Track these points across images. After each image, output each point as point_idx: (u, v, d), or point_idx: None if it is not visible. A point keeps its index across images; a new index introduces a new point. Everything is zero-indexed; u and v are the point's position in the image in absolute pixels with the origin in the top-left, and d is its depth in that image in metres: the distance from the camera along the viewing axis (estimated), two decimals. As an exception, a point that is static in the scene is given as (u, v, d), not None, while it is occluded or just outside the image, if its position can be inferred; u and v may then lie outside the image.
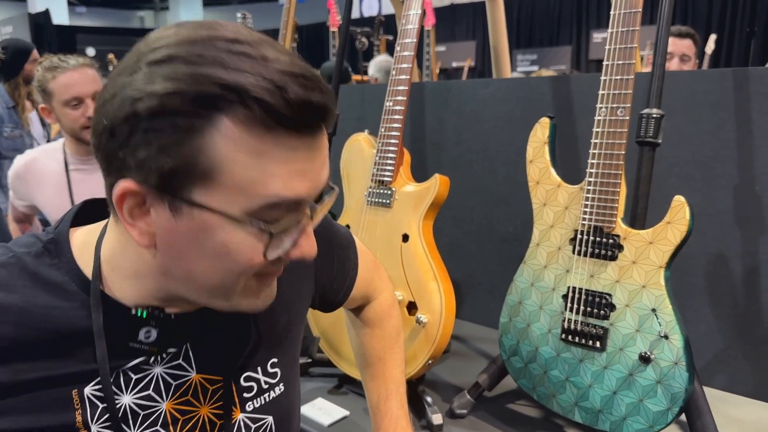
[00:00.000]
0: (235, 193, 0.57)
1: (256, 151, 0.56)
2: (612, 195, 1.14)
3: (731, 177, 1.40)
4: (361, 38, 4.76)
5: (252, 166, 0.56)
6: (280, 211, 0.60)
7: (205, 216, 0.58)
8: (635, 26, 1.13)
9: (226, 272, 0.62)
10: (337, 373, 1.50)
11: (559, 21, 9.54)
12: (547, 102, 1.67)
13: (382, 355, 1.04)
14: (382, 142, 1.46)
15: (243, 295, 0.65)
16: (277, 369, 0.82)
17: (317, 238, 0.88)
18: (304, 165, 0.59)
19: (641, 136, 1.16)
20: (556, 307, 1.22)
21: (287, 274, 0.83)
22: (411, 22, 1.47)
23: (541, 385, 1.25)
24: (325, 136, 0.62)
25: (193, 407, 0.73)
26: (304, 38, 10.50)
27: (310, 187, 0.60)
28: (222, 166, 0.56)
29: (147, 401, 0.70)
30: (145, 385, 0.69)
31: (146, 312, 0.66)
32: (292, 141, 0.57)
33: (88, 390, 0.66)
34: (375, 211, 1.47)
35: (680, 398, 1.06)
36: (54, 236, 0.69)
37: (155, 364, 0.70)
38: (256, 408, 0.79)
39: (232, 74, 0.54)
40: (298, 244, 0.63)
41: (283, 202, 0.58)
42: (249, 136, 0.55)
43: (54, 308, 0.65)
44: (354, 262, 0.98)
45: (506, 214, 1.80)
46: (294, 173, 0.58)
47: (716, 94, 1.40)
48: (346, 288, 0.97)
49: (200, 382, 0.73)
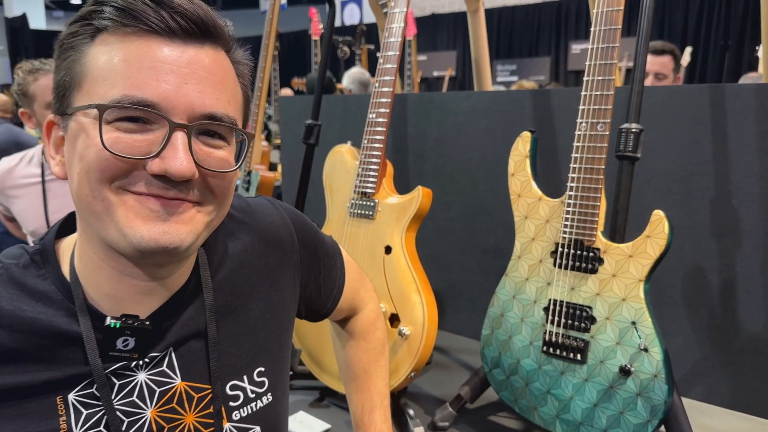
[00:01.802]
0: (94, 93, 0.62)
1: (111, 49, 0.62)
2: (592, 209, 1.15)
3: (708, 191, 1.42)
4: (343, 47, 4.77)
5: (106, 64, 0.62)
6: (131, 111, 0.61)
7: (74, 123, 0.64)
8: (615, 42, 1.15)
9: (90, 178, 0.62)
10: (318, 385, 1.49)
11: (538, 32, 9.66)
12: (528, 115, 1.68)
13: (367, 367, 1.04)
14: (365, 153, 1.47)
15: (125, 216, 0.62)
16: (264, 378, 0.81)
17: (304, 246, 0.89)
18: (157, 63, 0.62)
19: (621, 150, 1.17)
20: (538, 320, 1.23)
21: (271, 282, 0.84)
22: (394, 35, 1.47)
23: (522, 398, 1.25)
24: (208, 56, 0.65)
25: (178, 415, 0.73)
26: (285, 46, 10.49)
27: (165, 91, 0.61)
28: (87, 71, 0.63)
29: (131, 408, 0.70)
30: (129, 391, 0.69)
31: (119, 323, 0.67)
32: (147, 38, 0.62)
33: (72, 396, 0.67)
34: (358, 223, 1.47)
35: (660, 410, 1.08)
36: (40, 247, 0.70)
37: (138, 370, 0.70)
38: (243, 417, 0.78)
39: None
40: (163, 155, 0.62)
41: (126, 100, 0.60)
42: (110, 36, 0.62)
43: (40, 315, 0.66)
44: (341, 272, 0.98)
45: (488, 225, 1.81)
46: (143, 70, 0.61)
47: (694, 110, 1.42)
48: (334, 297, 0.97)
49: (185, 389, 0.73)
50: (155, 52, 0.62)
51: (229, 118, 0.66)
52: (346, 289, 0.99)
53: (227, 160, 0.68)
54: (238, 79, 0.71)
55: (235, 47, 0.71)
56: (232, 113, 0.67)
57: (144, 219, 0.63)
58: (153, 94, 0.61)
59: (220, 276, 0.78)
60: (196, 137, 0.65)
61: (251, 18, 10.09)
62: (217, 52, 0.67)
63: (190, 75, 0.63)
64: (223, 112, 0.65)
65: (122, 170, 0.62)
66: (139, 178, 0.62)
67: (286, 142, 2.36)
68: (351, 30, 6.03)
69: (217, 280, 0.77)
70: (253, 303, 0.81)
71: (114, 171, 0.61)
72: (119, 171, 0.62)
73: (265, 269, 0.83)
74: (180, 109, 0.62)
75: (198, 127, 0.64)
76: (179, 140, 0.62)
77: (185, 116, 0.62)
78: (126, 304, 0.69)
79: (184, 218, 0.65)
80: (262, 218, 0.86)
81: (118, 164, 0.61)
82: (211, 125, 0.65)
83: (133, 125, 0.61)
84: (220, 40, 0.67)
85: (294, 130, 2.26)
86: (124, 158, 0.61)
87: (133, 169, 0.62)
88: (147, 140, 0.62)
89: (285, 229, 0.87)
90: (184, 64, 0.63)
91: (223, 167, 0.67)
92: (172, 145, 0.62)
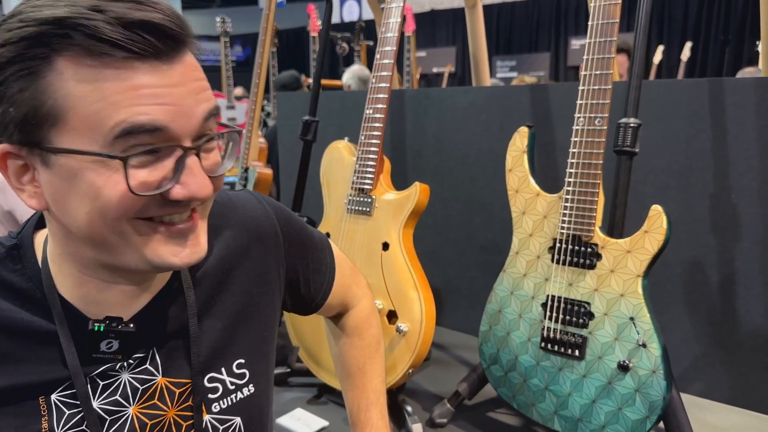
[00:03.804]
0: (87, 129, 0.57)
1: (94, 80, 0.56)
2: (590, 204, 1.15)
3: (707, 186, 1.42)
4: (342, 44, 4.75)
5: (94, 98, 0.56)
6: (138, 140, 0.58)
7: (69, 160, 0.58)
8: (613, 36, 1.14)
9: (105, 216, 0.59)
10: (316, 382, 1.49)
11: (537, 28, 9.64)
12: (526, 111, 1.68)
13: (362, 364, 1.03)
14: (362, 149, 1.46)
15: (146, 245, 0.62)
16: (244, 370, 0.81)
17: (288, 240, 0.88)
18: (154, 89, 0.58)
19: (619, 145, 1.17)
20: (536, 316, 1.22)
21: (253, 276, 0.83)
22: (391, 30, 1.46)
23: (521, 394, 1.25)
24: (188, 62, 0.61)
25: (159, 411, 0.73)
26: (284, 43, 10.47)
27: (170, 112, 0.58)
28: (67, 104, 0.56)
29: (114, 406, 0.69)
30: (112, 391, 0.69)
31: (103, 326, 0.66)
32: (132, 65, 0.57)
33: (55, 396, 0.66)
34: (355, 219, 1.46)
35: (658, 406, 1.07)
36: (17, 241, 0.69)
37: (122, 370, 0.70)
38: (223, 409, 0.78)
39: (46, 10, 0.55)
40: (183, 181, 0.60)
41: (135, 129, 0.57)
42: (84, 67, 0.56)
43: (18, 314, 0.64)
44: (330, 266, 0.98)
45: (485, 221, 1.81)
46: (141, 98, 0.57)
47: (692, 104, 1.41)
48: (323, 292, 0.97)
49: (165, 385, 0.73)
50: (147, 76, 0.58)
51: (218, 112, 0.65)
52: (337, 284, 0.99)
53: (218, 161, 0.66)
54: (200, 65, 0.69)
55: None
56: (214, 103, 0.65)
57: (169, 245, 0.63)
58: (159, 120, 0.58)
59: (201, 272, 0.78)
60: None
61: (250, 15, 10.07)
62: (190, 56, 0.64)
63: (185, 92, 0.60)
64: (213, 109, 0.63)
65: (143, 204, 0.60)
66: (154, 205, 0.61)
67: (284, 139, 2.35)
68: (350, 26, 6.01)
69: (198, 276, 0.77)
70: (235, 297, 0.81)
71: (135, 207, 0.60)
72: (139, 205, 0.60)
73: (246, 263, 0.83)
74: (187, 129, 0.60)
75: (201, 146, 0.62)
76: (194, 163, 0.61)
77: (190, 136, 0.61)
78: (111, 307, 0.68)
79: (199, 232, 0.66)
80: (244, 212, 0.85)
81: (140, 200, 0.59)
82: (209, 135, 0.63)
83: (145, 158, 0.59)
84: (192, 44, 0.64)
85: (292, 126, 2.25)
86: (144, 196, 0.59)
87: (151, 200, 0.60)
88: (159, 169, 0.60)
89: (268, 222, 0.87)
90: (176, 82, 0.60)
91: (218, 171, 0.66)
92: (189, 170, 0.60)
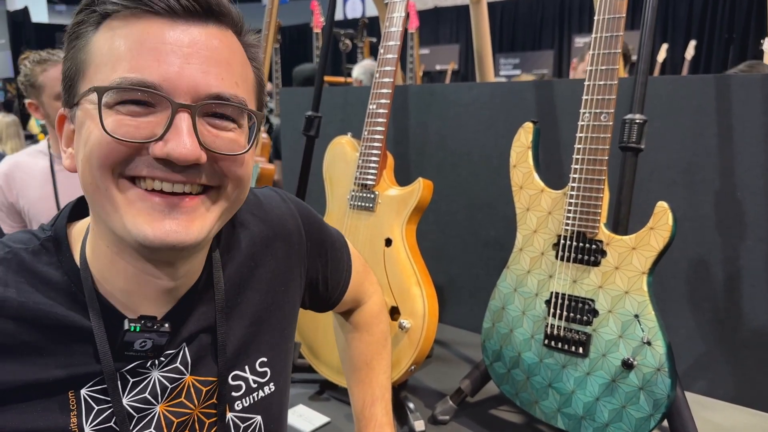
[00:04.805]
0: (95, 79, 0.60)
1: (112, 36, 0.60)
2: (595, 200, 1.14)
3: (713, 183, 1.41)
4: (345, 40, 4.74)
5: (106, 50, 0.60)
6: (130, 95, 0.59)
7: (80, 111, 0.62)
8: (619, 31, 1.13)
9: (92, 164, 0.60)
10: (318, 378, 1.48)
11: (541, 25, 9.61)
12: (530, 106, 1.67)
13: (369, 360, 1.03)
14: (366, 145, 1.45)
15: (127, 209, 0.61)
16: (266, 368, 0.81)
17: (310, 239, 0.88)
18: (159, 45, 0.59)
19: (624, 141, 1.16)
20: (539, 313, 1.21)
21: (277, 274, 0.83)
22: (395, 25, 1.46)
23: (523, 391, 1.24)
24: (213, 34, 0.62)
25: (186, 408, 0.72)
26: (287, 39, 10.47)
27: (167, 71, 0.59)
28: (92, 58, 0.61)
29: (143, 404, 0.69)
30: (142, 388, 0.69)
31: (139, 326, 0.65)
32: (158, 25, 0.60)
33: (85, 391, 0.65)
34: (358, 215, 1.45)
35: (663, 404, 1.06)
36: (51, 233, 0.68)
37: (153, 368, 0.69)
38: (245, 407, 0.78)
39: None
40: (166, 139, 0.59)
41: (126, 83, 0.58)
42: (118, 23, 0.60)
43: (52, 308, 0.64)
44: (348, 264, 0.98)
45: (489, 218, 1.80)
46: (144, 53, 0.59)
47: (698, 100, 1.40)
48: (340, 290, 0.97)
49: (193, 383, 0.73)
50: (156, 33, 0.59)
51: (237, 99, 0.63)
52: (352, 281, 0.99)
53: (238, 141, 0.64)
54: (250, 62, 0.69)
55: (245, 30, 0.68)
56: (242, 94, 0.64)
57: (148, 216, 0.60)
58: (154, 75, 0.58)
59: (229, 270, 0.77)
60: (203, 119, 0.62)
61: (253, 11, 10.04)
62: (223, 32, 0.64)
63: (193, 55, 0.60)
64: (230, 93, 0.62)
65: (124, 155, 0.59)
66: (142, 163, 0.60)
67: (287, 134, 2.34)
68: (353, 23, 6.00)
69: (227, 274, 0.76)
70: (260, 295, 0.80)
71: (116, 156, 0.59)
72: (121, 156, 0.59)
73: (272, 262, 0.82)
74: (183, 89, 0.59)
75: (203, 108, 0.61)
76: (183, 122, 0.59)
77: (189, 97, 0.60)
78: (140, 300, 0.67)
79: (193, 215, 0.62)
80: (270, 210, 0.85)
81: (120, 149, 0.59)
82: (217, 105, 0.62)
83: (136, 108, 0.59)
84: (227, 20, 0.64)
85: (295, 122, 2.24)
86: (125, 142, 0.59)
87: (136, 154, 0.60)
88: (150, 123, 0.59)
89: (293, 221, 0.86)
90: (187, 43, 0.60)
91: (233, 150, 0.63)
92: (175, 127, 0.59)
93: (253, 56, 0.69)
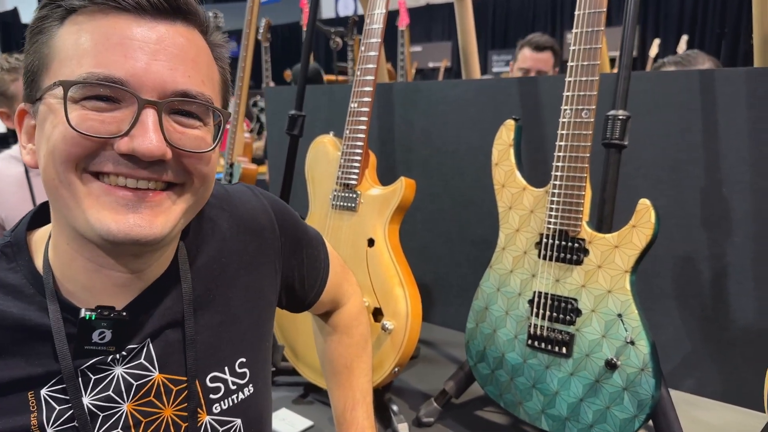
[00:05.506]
0: (60, 74, 0.60)
1: (78, 31, 0.59)
2: (577, 198, 1.12)
3: (699, 179, 1.39)
4: (335, 38, 4.72)
5: (71, 45, 0.60)
6: (94, 90, 0.59)
7: (43, 105, 0.61)
8: (600, 26, 1.11)
9: (55, 159, 0.59)
10: (302, 381, 1.46)
11: (533, 22, 9.58)
12: (515, 103, 1.65)
13: (349, 363, 1.01)
14: (347, 144, 1.43)
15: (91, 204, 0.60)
16: (245, 369, 0.79)
17: (285, 234, 0.86)
18: (126, 40, 0.59)
19: (607, 138, 1.14)
20: (522, 313, 1.20)
21: (251, 270, 0.81)
22: (375, 22, 1.43)
23: (507, 392, 1.22)
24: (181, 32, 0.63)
25: (156, 408, 0.70)
26: (279, 38, 10.42)
27: (136, 69, 0.59)
28: (56, 53, 0.60)
29: (107, 402, 0.67)
30: (105, 386, 0.67)
31: (95, 315, 0.65)
32: (125, 21, 0.60)
33: (45, 391, 0.64)
34: (340, 215, 1.43)
35: (647, 405, 1.05)
36: (11, 239, 0.68)
37: (115, 364, 0.68)
38: (224, 410, 0.76)
39: None
40: (132, 134, 0.59)
41: (91, 78, 0.58)
42: (83, 18, 0.60)
43: (10, 309, 0.63)
44: (325, 263, 0.96)
45: (476, 216, 1.78)
46: (110, 48, 0.58)
47: (683, 96, 1.39)
48: (317, 289, 0.95)
49: (163, 382, 0.71)
50: (123, 29, 0.59)
51: (204, 97, 0.63)
52: (330, 281, 0.97)
53: (204, 139, 0.65)
54: (215, 61, 0.69)
55: (212, 29, 0.69)
56: (208, 92, 0.65)
57: (112, 210, 0.60)
58: (121, 71, 0.58)
59: (198, 264, 0.76)
60: (169, 116, 0.62)
61: (241, 11, 10.00)
62: (190, 31, 0.64)
63: (160, 51, 0.60)
64: (197, 90, 0.63)
65: (88, 150, 0.59)
66: (107, 158, 0.60)
67: (273, 134, 2.32)
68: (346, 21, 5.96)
69: (195, 268, 0.75)
70: (233, 292, 0.79)
71: (80, 151, 0.59)
72: (85, 151, 0.59)
73: (244, 257, 0.81)
74: (150, 86, 0.59)
75: (170, 105, 0.61)
76: (149, 118, 0.59)
77: (155, 93, 0.60)
78: (102, 296, 0.67)
79: (157, 210, 0.62)
80: (241, 205, 0.83)
81: (85, 144, 0.59)
82: (184, 103, 0.62)
83: (102, 104, 0.59)
84: (193, 18, 0.65)
85: (280, 121, 2.22)
86: (90, 137, 0.59)
87: (101, 150, 0.60)
88: (116, 119, 0.59)
89: (265, 216, 0.85)
90: (154, 40, 0.60)
91: (199, 147, 0.64)
92: (141, 123, 0.59)
93: (218, 56, 0.70)
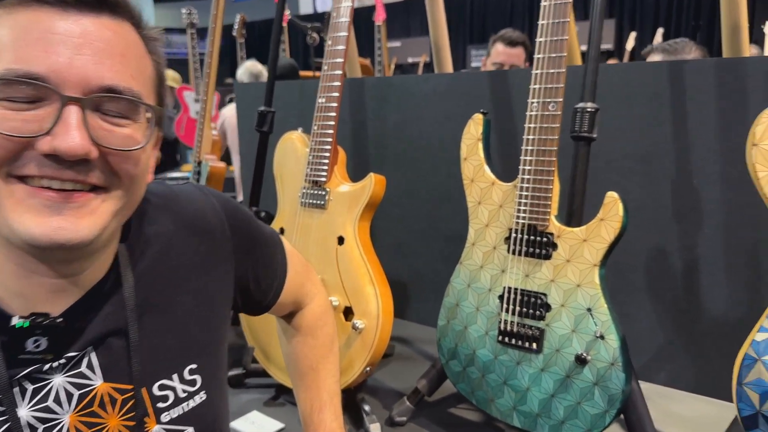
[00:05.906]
0: None
1: (3, 26, 0.57)
2: (545, 192, 1.10)
3: (670, 171, 1.38)
4: (312, 33, 4.67)
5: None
6: (15, 90, 0.56)
7: None
8: (565, 18, 1.10)
9: None
10: (273, 383, 1.44)
11: (511, 16, 9.60)
12: (486, 97, 1.63)
13: (315, 364, 0.99)
14: (316, 140, 1.40)
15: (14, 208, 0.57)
16: (196, 376, 0.76)
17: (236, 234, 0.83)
18: (52, 37, 0.56)
19: (576, 130, 1.13)
20: (493, 309, 1.18)
21: (201, 273, 0.78)
22: (342, 15, 1.41)
23: (479, 389, 1.21)
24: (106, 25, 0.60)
25: (99, 419, 0.67)
26: (256, 34, 10.31)
27: (58, 64, 0.56)
28: None
29: (46, 413, 0.64)
30: (43, 396, 0.64)
31: (28, 322, 0.61)
32: (46, 15, 0.57)
33: None
34: (309, 213, 1.41)
35: (618, 400, 1.04)
36: None
37: (54, 373, 0.65)
38: (174, 419, 0.74)
39: None
40: (53, 133, 0.56)
41: (10, 74, 0.55)
42: (2, 12, 0.57)
43: None
44: (282, 263, 0.93)
45: (450, 212, 1.76)
46: (31, 43, 0.56)
47: (653, 87, 1.38)
48: (275, 290, 0.92)
49: (107, 391, 0.68)
50: (45, 22, 0.56)
51: (132, 92, 0.60)
52: (289, 281, 0.94)
53: (133, 137, 0.62)
54: (149, 55, 0.66)
55: (144, 21, 0.66)
56: (137, 88, 0.62)
57: (35, 213, 0.57)
58: (41, 67, 0.55)
59: (141, 268, 0.72)
60: (95, 113, 0.59)
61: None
62: (118, 24, 0.61)
63: (84, 46, 0.57)
64: (125, 86, 0.60)
65: (11, 152, 0.56)
66: (30, 159, 0.57)
67: (244, 131, 2.28)
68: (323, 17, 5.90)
69: (138, 272, 0.72)
70: (181, 296, 0.76)
71: (2, 153, 0.56)
72: (8, 153, 0.56)
73: (192, 259, 0.78)
74: (73, 82, 0.57)
75: (95, 101, 0.58)
76: (72, 115, 0.56)
77: (79, 90, 0.57)
78: (36, 302, 0.63)
79: (83, 211, 0.59)
80: (188, 204, 0.80)
81: (6, 145, 0.56)
82: (110, 99, 0.59)
83: (23, 103, 0.56)
84: (121, 11, 0.62)
85: (251, 117, 2.18)
86: (12, 137, 0.55)
87: (23, 150, 0.57)
88: (38, 117, 0.56)
89: (214, 216, 0.81)
90: (78, 34, 0.57)
91: (127, 145, 0.61)
92: (63, 121, 0.56)
93: (152, 49, 0.67)
